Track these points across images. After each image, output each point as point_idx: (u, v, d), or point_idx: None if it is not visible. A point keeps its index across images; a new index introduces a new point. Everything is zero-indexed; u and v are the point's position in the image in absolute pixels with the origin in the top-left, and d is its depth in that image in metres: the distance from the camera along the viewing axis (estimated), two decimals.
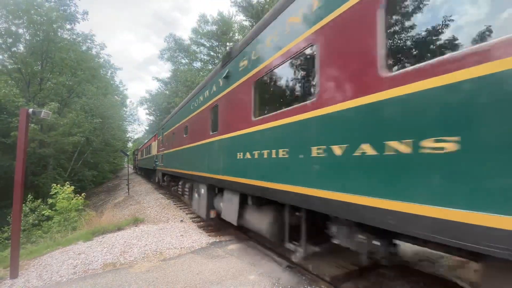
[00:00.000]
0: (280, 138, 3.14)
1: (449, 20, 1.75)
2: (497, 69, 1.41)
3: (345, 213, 2.24)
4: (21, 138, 4.56)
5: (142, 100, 50.51)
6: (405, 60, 2.03)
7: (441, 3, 1.80)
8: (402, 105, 1.85)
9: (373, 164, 2.01)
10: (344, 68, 2.33)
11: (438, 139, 1.64)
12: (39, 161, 19.66)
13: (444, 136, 1.61)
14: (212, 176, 5.38)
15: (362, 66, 2.15)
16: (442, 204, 1.61)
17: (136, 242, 5.76)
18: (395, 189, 1.87)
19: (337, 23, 2.42)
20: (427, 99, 1.70)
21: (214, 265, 4.35)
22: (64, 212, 10.30)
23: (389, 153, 1.91)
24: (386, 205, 1.91)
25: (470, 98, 1.51)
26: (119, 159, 44.28)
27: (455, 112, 1.57)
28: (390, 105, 1.93)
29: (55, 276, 4.25)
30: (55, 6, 20.14)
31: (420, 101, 1.74)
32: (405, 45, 2.06)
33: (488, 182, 1.43)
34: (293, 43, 2.99)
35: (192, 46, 36.97)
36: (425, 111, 1.72)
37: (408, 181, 1.79)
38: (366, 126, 2.08)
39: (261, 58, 3.65)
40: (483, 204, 1.44)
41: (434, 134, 1.67)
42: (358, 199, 2.09)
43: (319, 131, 2.57)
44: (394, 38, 2.09)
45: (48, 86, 21.06)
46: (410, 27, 2.00)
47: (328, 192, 2.39)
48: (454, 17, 1.74)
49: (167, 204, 10.97)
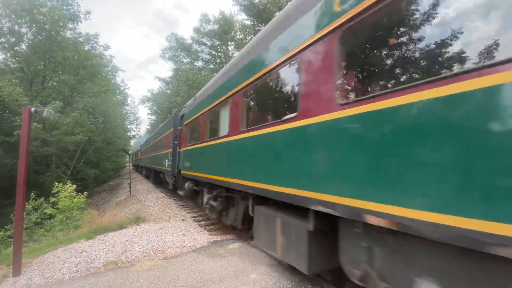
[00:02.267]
0: None
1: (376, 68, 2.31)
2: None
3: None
4: (23, 137, 4.58)
5: (144, 99, 50.62)
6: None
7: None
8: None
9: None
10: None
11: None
12: (42, 160, 19.76)
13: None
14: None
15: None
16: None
17: (138, 240, 5.78)
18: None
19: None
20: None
21: (216, 264, 4.35)
22: (66, 211, 10.35)
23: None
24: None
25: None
26: (121, 158, 44.49)
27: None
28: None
29: (57, 274, 4.27)
30: (57, 5, 20.21)
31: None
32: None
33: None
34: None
35: (193, 45, 36.97)
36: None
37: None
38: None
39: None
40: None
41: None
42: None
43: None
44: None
45: (50, 85, 21.16)
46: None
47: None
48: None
49: (169, 203, 11.00)
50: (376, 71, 2.29)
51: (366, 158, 2.13)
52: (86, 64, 22.03)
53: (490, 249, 1.41)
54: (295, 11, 3.32)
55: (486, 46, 1.54)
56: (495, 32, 1.50)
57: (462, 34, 1.66)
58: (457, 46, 1.71)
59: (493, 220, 1.40)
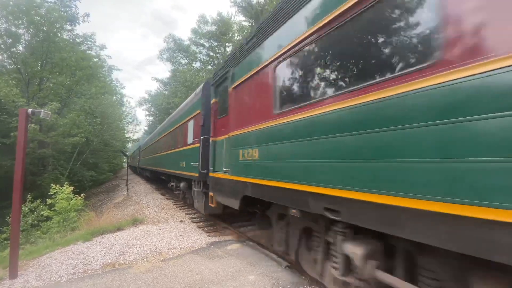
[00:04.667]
0: None
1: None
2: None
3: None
4: (20, 139, 4.56)
5: (141, 100, 50.49)
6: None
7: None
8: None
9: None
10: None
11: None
12: (39, 161, 19.62)
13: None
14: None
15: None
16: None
17: (136, 242, 5.76)
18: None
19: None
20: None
21: (214, 265, 4.35)
22: (64, 213, 10.27)
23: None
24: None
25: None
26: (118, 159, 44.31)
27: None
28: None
29: (54, 276, 4.24)
30: (55, 6, 20.14)
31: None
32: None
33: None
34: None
35: (191, 46, 36.99)
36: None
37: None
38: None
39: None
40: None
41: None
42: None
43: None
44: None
45: (47, 86, 21.05)
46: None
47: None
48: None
49: (166, 205, 10.97)
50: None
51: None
52: (83, 65, 21.95)
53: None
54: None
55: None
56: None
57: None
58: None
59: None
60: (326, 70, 2.96)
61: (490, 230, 1.52)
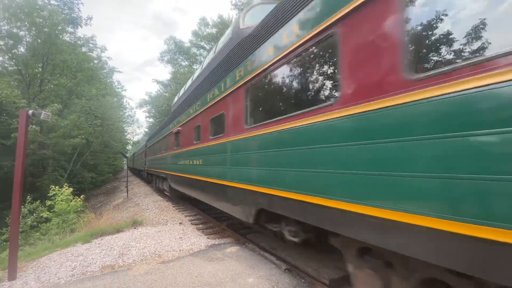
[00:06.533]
0: None
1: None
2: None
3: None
4: (20, 140, 4.57)
5: (142, 102, 50.59)
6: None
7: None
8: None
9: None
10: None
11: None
12: (39, 162, 19.62)
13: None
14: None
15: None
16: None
17: (135, 244, 5.74)
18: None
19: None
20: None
21: (213, 268, 4.34)
22: (63, 214, 10.26)
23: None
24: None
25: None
26: (118, 161, 44.35)
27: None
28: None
29: (53, 278, 4.23)
30: (57, 8, 20.27)
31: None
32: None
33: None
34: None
35: (192, 48, 37.15)
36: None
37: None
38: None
39: None
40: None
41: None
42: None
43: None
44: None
45: (48, 88, 21.11)
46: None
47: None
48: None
49: (166, 207, 10.95)
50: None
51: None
52: (84, 66, 22.04)
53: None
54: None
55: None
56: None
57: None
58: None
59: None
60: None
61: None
